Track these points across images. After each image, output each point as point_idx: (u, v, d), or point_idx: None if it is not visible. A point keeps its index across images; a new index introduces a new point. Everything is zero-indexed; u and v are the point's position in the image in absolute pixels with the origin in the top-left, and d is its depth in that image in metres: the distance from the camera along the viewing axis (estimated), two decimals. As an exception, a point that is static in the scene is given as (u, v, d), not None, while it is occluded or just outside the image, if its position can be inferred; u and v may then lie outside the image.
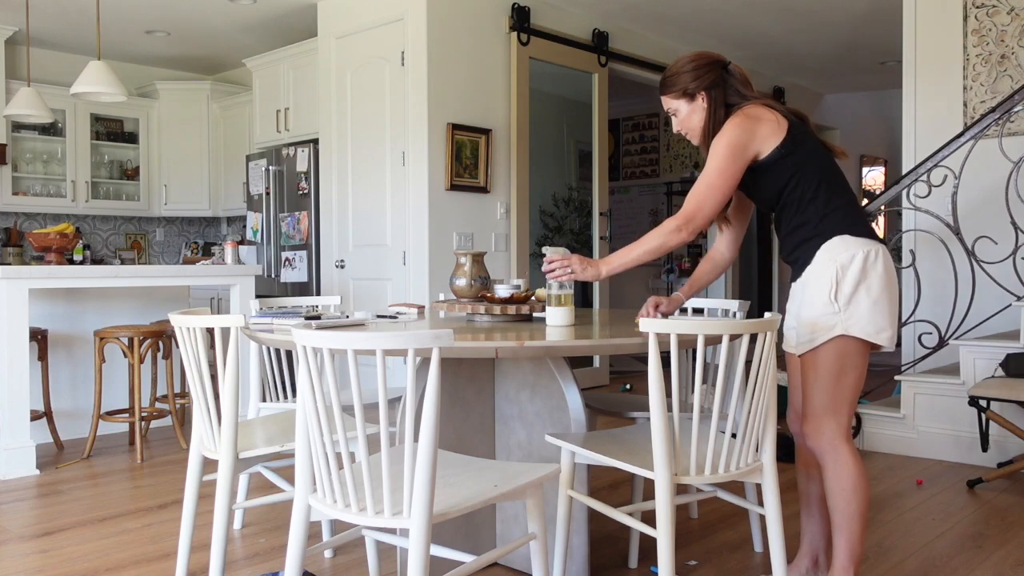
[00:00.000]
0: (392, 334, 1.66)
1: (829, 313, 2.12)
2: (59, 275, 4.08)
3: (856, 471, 2.14)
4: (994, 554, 2.82)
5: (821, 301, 2.13)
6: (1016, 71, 4.71)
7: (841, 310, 2.11)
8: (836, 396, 2.14)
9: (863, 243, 2.14)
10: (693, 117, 2.30)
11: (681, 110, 2.31)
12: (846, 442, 2.15)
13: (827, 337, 2.12)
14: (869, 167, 10.11)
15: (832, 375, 2.13)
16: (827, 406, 2.15)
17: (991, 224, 4.36)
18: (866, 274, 2.11)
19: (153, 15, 6.23)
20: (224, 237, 8.05)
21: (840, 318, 2.11)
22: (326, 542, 2.12)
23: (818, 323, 2.13)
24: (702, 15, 6.25)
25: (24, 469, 3.90)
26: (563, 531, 2.28)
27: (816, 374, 2.16)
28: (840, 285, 2.11)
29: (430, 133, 5.14)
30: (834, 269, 2.12)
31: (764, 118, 2.19)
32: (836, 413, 2.14)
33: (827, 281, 2.12)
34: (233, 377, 2.28)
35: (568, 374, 2.46)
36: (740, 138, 2.17)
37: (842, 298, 2.10)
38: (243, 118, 7.27)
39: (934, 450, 4.18)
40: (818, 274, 2.15)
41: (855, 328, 2.10)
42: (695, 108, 2.29)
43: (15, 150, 6.78)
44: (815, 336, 2.14)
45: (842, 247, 2.13)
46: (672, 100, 2.32)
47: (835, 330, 2.11)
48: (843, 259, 2.12)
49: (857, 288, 2.10)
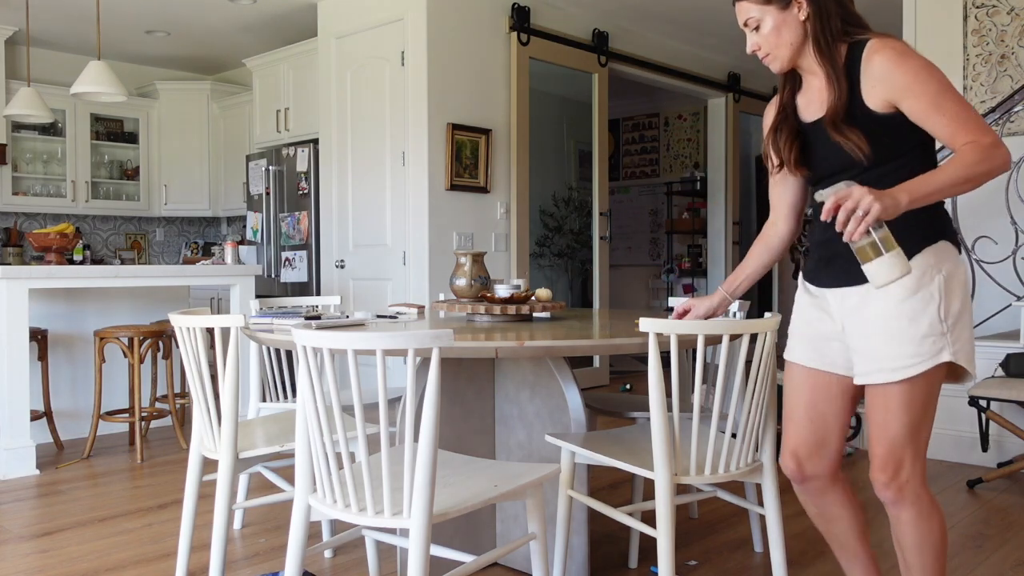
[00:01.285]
0: (392, 334, 1.66)
1: (937, 334, 1.71)
2: (59, 275, 4.08)
3: (943, 524, 1.81)
4: (994, 554, 2.82)
5: (928, 319, 1.71)
6: (1016, 71, 4.71)
7: (949, 331, 1.71)
8: (923, 435, 1.77)
9: (957, 254, 1.79)
10: (784, 31, 1.77)
11: (767, 21, 1.78)
12: (927, 488, 1.80)
13: (931, 364, 1.71)
14: (869, 167, 10.09)
15: (924, 410, 1.75)
16: (913, 448, 1.76)
17: (991, 224, 4.36)
18: (967, 292, 1.77)
19: (153, 15, 6.22)
20: (224, 237, 8.04)
21: (948, 341, 1.71)
22: (326, 542, 2.13)
23: (921, 346, 1.71)
24: (702, 15, 6.25)
25: (24, 469, 3.90)
26: (563, 531, 2.28)
27: (906, 409, 1.74)
28: (949, 301, 1.72)
29: (430, 133, 5.14)
30: (941, 280, 1.72)
31: None
32: (920, 455, 1.77)
33: (935, 293, 1.71)
34: (233, 377, 2.28)
35: (568, 374, 2.46)
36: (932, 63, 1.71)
37: (951, 317, 1.72)
38: (243, 118, 7.27)
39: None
40: (916, 284, 1.71)
41: (962, 354, 1.73)
42: (788, 19, 1.76)
43: (15, 150, 6.78)
44: (914, 362, 1.71)
45: (947, 255, 1.75)
46: (755, 7, 1.78)
47: (941, 355, 1.70)
48: (949, 268, 1.74)
49: (964, 307, 1.75)
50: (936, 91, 1.68)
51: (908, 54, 1.70)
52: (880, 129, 1.72)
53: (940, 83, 1.68)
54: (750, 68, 7.65)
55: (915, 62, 1.69)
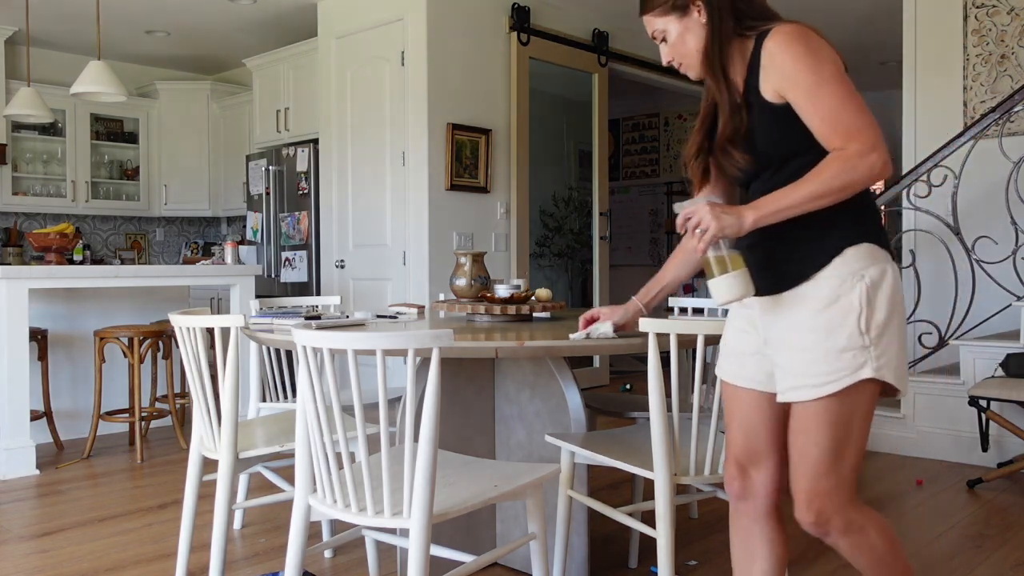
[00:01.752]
0: (392, 334, 1.66)
1: (857, 348, 1.54)
2: (59, 275, 4.08)
3: (883, 529, 1.63)
4: (994, 554, 2.82)
5: (847, 330, 1.55)
6: (1016, 71, 4.71)
7: (872, 344, 1.55)
8: (847, 460, 1.58)
9: (887, 257, 1.60)
10: (688, 38, 1.68)
11: (671, 30, 1.70)
12: (857, 510, 1.61)
13: (851, 381, 1.54)
14: (869, 167, 10.10)
15: (847, 432, 1.57)
16: (836, 476, 1.58)
17: (991, 224, 4.36)
18: (895, 300, 1.58)
19: (153, 15, 6.22)
20: (224, 237, 8.04)
21: (870, 355, 1.54)
22: (326, 542, 2.13)
23: (839, 361, 1.55)
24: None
25: (24, 469, 3.90)
26: (563, 531, 2.28)
27: (825, 430, 1.57)
28: (873, 310, 1.55)
29: (430, 133, 5.14)
30: (863, 288, 1.55)
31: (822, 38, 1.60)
32: (844, 484, 1.59)
33: (855, 302, 1.55)
34: (233, 377, 2.28)
35: (568, 374, 2.46)
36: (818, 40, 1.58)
37: (874, 329, 1.55)
38: (243, 118, 7.27)
39: (934, 450, 4.18)
40: (834, 292, 1.56)
41: (888, 369, 1.56)
42: (689, 25, 1.67)
43: (15, 150, 6.78)
44: (831, 378, 1.55)
45: (871, 259, 1.57)
46: (658, 19, 1.71)
47: (862, 371, 1.54)
48: (874, 275, 1.56)
49: (890, 317, 1.56)
50: (813, 82, 1.54)
51: (797, 38, 1.56)
52: (782, 122, 1.60)
53: (819, 73, 1.54)
54: (750, 68, 7.64)
55: (799, 47, 1.55)
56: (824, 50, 1.57)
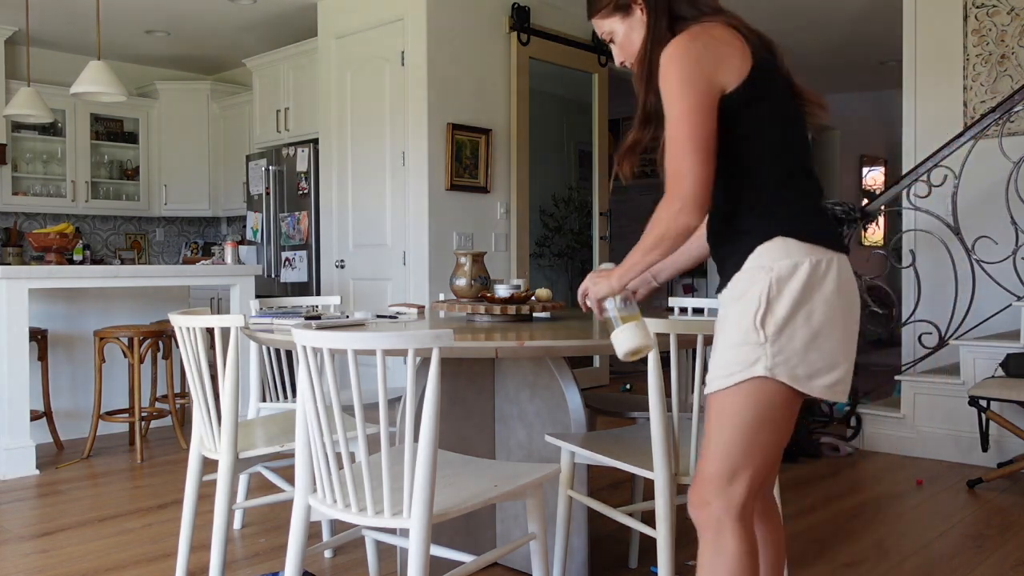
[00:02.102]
0: (392, 334, 1.66)
1: (752, 343, 1.51)
2: (59, 275, 4.08)
3: (738, 568, 1.53)
4: (994, 554, 2.82)
5: (743, 325, 1.52)
6: (1016, 71, 4.71)
7: (768, 341, 1.50)
8: (740, 458, 1.54)
9: (813, 251, 1.53)
10: (633, 38, 1.67)
11: (617, 31, 1.69)
12: (736, 521, 1.54)
13: (744, 376, 1.52)
14: (869, 167, 10.10)
15: (740, 429, 1.53)
16: (725, 469, 1.55)
17: (991, 224, 4.36)
18: (809, 294, 1.51)
19: (153, 15, 6.22)
20: (224, 237, 8.04)
21: (765, 352, 1.50)
22: (326, 542, 2.13)
23: (735, 355, 1.53)
24: (702, 15, 6.24)
25: (24, 469, 3.90)
26: (563, 531, 2.28)
27: (720, 423, 1.56)
28: (772, 305, 1.50)
29: (430, 133, 5.14)
30: (767, 282, 1.51)
31: (723, 39, 1.55)
32: (734, 481, 1.54)
33: (755, 298, 1.52)
34: (233, 377, 2.28)
35: (568, 374, 2.46)
36: (698, 60, 1.52)
37: (772, 324, 1.50)
38: (243, 118, 7.27)
39: (934, 450, 4.18)
40: (744, 286, 1.55)
41: (782, 369, 1.50)
42: (634, 24, 1.66)
43: (15, 150, 6.78)
44: (728, 372, 1.54)
45: (783, 252, 1.53)
46: (603, 21, 1.71)
47: (755, 368, 1.51)
48: (782, 269, 1.52)
49: (794, 313, 1.50)
50: (669, 114, 1.53)
51: (671, 60, 1.53)
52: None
53: (672, 108, 1.52)
54: (750, 68, 7.64)
55: (670, 72, 1.53)
56: (691, 75, 1.51)
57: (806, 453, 4.16)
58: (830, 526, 3.11)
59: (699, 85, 1.51)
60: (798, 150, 1.61)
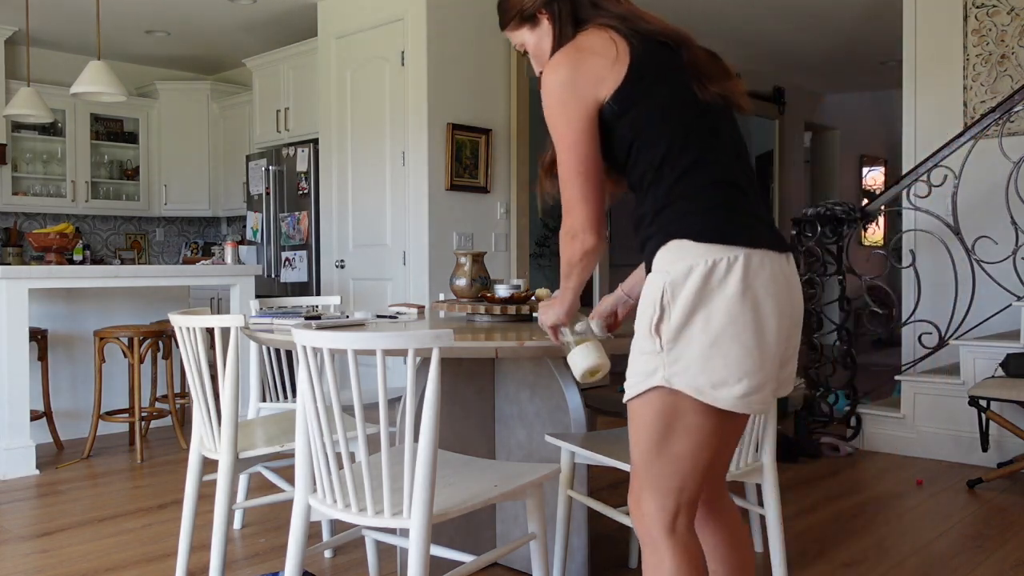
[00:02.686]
0: (392, 334, 1.66)
1: (649, 352, 1.45)
2: (59, 275, 4.08)
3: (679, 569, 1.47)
4: (994, 554, 2.82)
5: (642, 332, 1.47)
6: (1016, 71, 4.71)
7: (664, 349, 1.43)
8: (657, 469, 1.48)
9: (710, 250, 1.43)
10: (544, 47, 1.65)
11: (528, 41, 1.68)
12: (668, 535, 1.48)
13: (645, 386, 1.46)
14: (869, 167, 10.11)
15: (652, 440, 1.47)
16: (644, 476, 1.50)
17: (991, 224, 4.36)
18: (706, 298, 1.41)
19: (153, 15, 6.22)
20: (224, 237, 8.04)
21: (662, 361, 1.43)
22: (326, 542, 2.13)
23: (638, 363, 1.48)
24: (701, 15, 6.25)
25: (24, 469, 3.90)
26: (563, 531, 2.28)
27: (634, 434, 1.51)
28: (666, 311, 1.43)
29: (430, 133, 5.14)
30: (660, 287, 1.44)
31: (593, 49, 1.52)
32: (657, 492, 1.49)
33: (650, 304, 1.45)
34: (233, 377, 2.28)
35: (568, 374, 2.46)
36: (570, 83, 1.50)
37: (667, 331, 1.43)
38: (243, 118, 7.27)
39: (934, 450, 4.18)
40: (645, 292, 1.49)
41: (680, 379, 1.42)
42: (542, 34, 1.65)
43: (15, 150, 6.78)
44: (633, 381, 1.49)
45: (678, 255, 1.45)
46: (513, 33, 1.70)
47: (654, 378, 1.44)
48: (676, 273, 1.43)
49: (690, 319, 1.41)
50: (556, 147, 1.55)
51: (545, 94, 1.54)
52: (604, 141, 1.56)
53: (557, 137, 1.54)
54: (750, 68, 7.65)
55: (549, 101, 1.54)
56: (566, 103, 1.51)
57: (806, 453, 4.16)
58: (830, 526, 3.11)
59: (576, 111, 1.50)
60: (698, 142, 1.51)
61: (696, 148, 1.50)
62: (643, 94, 1.50)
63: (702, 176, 1.50)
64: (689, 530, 1.51)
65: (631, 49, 1.51)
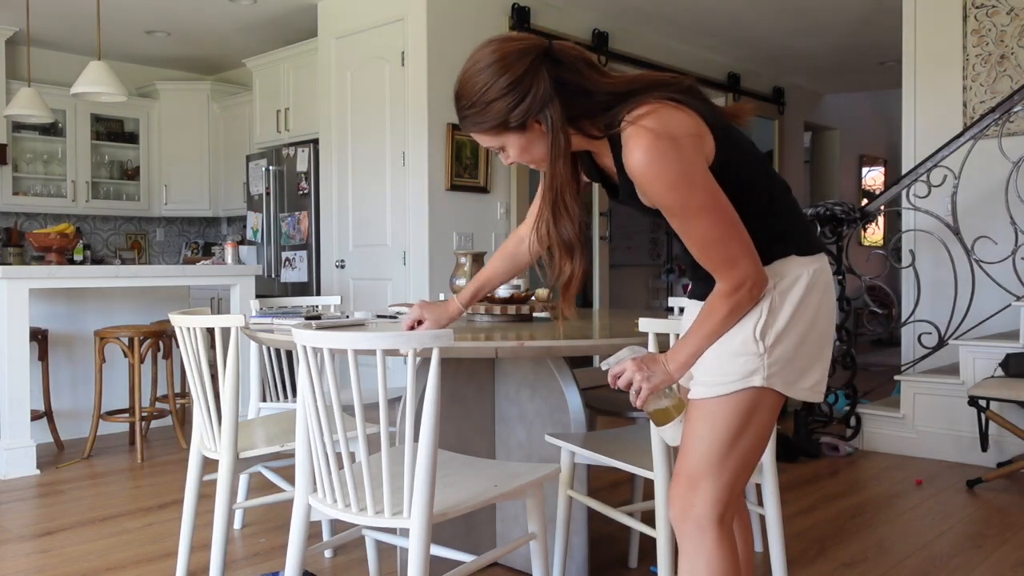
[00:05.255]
0: (392, 334, 1.66)
1: (751, 354, 1.51)
2: (59, 275, 4.08)
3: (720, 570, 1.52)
4: (994, 554, 2.82)
5: (742, 336, 1.52)
6: (1016, 71, 4.71)
7: (766, 352, 1.51)
8: (727, 460, 1.54)
9: (812, 260, 1.56)
10: (534, 149, 1.53)
11: (511, 145, 1.53)
12: (718, 525, 1.53)
13: (740, 387, 1.51)
14: (869, 167, 10.11)
15: (730, 434, 1.53)
16: (709, 469, 1.54)
17: (991, 224, 4.36)
18: (806, 300, 1.54)
19: (153, 15, 6.22)
20: (224, 237, 8.04)
21: (763, 363, 1.51)
22: (326, 542, 2.13)
23: (731, 365, 1.52)
24: (702, 15, 6.25)
25: (24, 469, 3.90)
26: (563, 531, 2.28)
27: (709, 427, 1.54)
28: (773, 317, 1.51)
29: (430, 133, 5.14)
30: (772, 295, 1.52)
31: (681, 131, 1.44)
32: (719, 486, 1.53)
33: (758, 310, 1.52)
34: (233, 377, 2.28)
35: (568, 374, 2.47)
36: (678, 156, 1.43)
37: (771, 336, 1.51)
38: (243, 118, 7.27)
39: (934, 450, 4.18)
40: None
41: (777, 379, 1.52)
42: (532, 138, 1.51)
43: (15, 150, 6.78)
44: (723, 381, 1.53)
45: (786, 268, 1.54)
46: (489, 138, 1.53)
47: (753, 379, 1.51)
48: (787, 283, 1.53)
49: (791, 321, 1.52)
50: (682, 217, 1.47)
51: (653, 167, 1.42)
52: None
53: (686, 207, 1.45)
54: (750, 68, 7.65)
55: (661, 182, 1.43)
56: (686, 170, 1.43)
57: (806, 453, 4.16)
58: (830, 526, 3.12)
59: (695, 175, 1.44)
60: (769, 170, 1.59)
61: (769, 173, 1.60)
62: (734, 147, 1.51)
63: (788, 196, 1.61)
64: (731, 522, 1.59)
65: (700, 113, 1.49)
